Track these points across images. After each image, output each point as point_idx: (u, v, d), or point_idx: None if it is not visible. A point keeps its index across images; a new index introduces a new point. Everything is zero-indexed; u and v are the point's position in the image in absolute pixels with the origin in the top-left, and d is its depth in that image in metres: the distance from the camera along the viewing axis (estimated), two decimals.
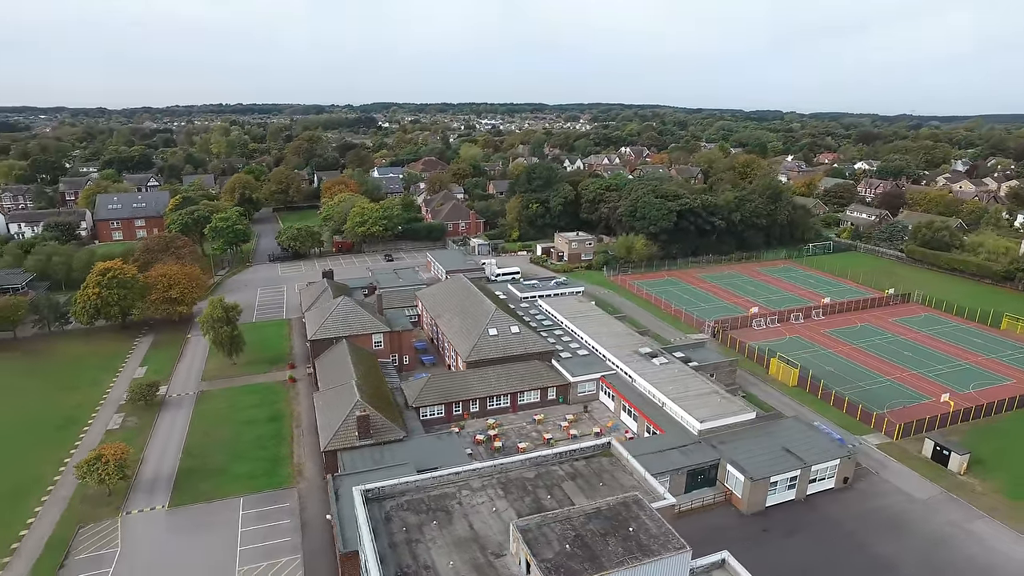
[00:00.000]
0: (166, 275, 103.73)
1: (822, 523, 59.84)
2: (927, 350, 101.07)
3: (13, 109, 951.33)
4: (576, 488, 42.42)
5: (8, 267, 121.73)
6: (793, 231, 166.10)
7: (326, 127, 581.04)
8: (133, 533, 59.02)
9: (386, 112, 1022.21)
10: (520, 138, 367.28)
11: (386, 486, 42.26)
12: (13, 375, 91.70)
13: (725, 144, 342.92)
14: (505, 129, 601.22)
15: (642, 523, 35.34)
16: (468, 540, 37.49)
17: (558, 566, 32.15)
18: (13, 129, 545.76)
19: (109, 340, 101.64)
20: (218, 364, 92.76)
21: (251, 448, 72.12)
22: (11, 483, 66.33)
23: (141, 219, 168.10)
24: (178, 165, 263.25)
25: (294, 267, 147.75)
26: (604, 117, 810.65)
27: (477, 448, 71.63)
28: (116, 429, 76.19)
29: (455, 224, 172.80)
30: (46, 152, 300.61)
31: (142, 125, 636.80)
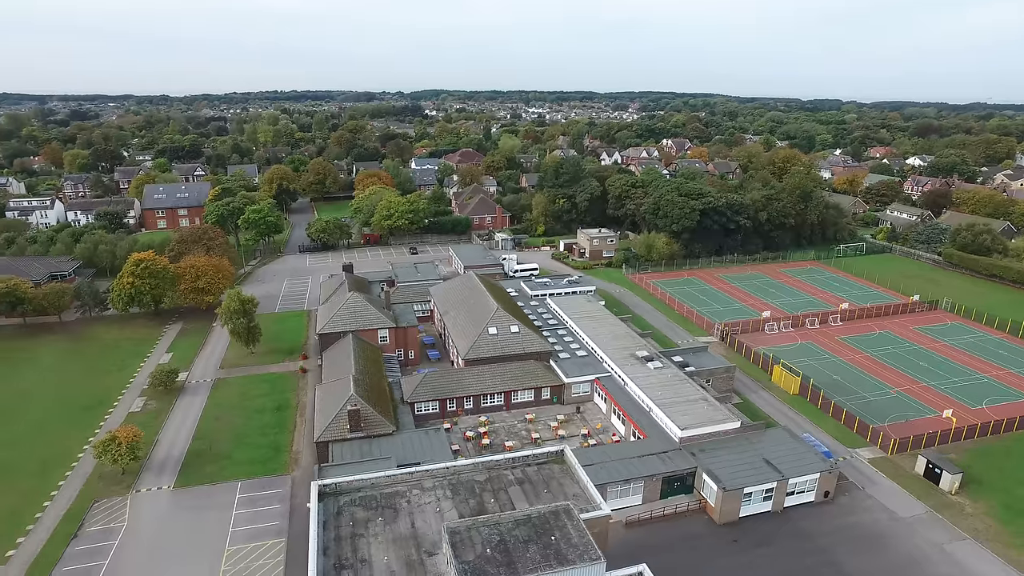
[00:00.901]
0: (194, 266, 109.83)
1: (795, 537, 59.91)
2: (945, 361, 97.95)
3: (87, 97, 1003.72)
4: (521, 493, 44.30)
5: (59, 254, 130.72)
6: (825, 231, 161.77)
7: (373, 115, 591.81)
8: (139, 510, 64.12)
9: (436, 100, 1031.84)
10: (561, 129, 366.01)
11: (342, 482, 45.16)
12: (55, 356, 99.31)
13: (770, 137, 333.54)
14: (551, 119, 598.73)
15: (566, 532, 37.01)
16: (407, 538, 39.98)
17: (475, 569, 34.26)
18: (84, 117, 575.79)
19: (141, 327, 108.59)
20: (237, 353, 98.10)
21: (255, 435, 76.64)
22: (41, 458, 72.61)
23: (184, 208, 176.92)
24: (225, 155, 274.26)
25: (322, 258, 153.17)
26: (653, 107, 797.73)
27: (466, 444, 74.16)
28: (137, 412, 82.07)
29: (481, 218, 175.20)
30: (108, 141, 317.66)
31: (199, 113, 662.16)
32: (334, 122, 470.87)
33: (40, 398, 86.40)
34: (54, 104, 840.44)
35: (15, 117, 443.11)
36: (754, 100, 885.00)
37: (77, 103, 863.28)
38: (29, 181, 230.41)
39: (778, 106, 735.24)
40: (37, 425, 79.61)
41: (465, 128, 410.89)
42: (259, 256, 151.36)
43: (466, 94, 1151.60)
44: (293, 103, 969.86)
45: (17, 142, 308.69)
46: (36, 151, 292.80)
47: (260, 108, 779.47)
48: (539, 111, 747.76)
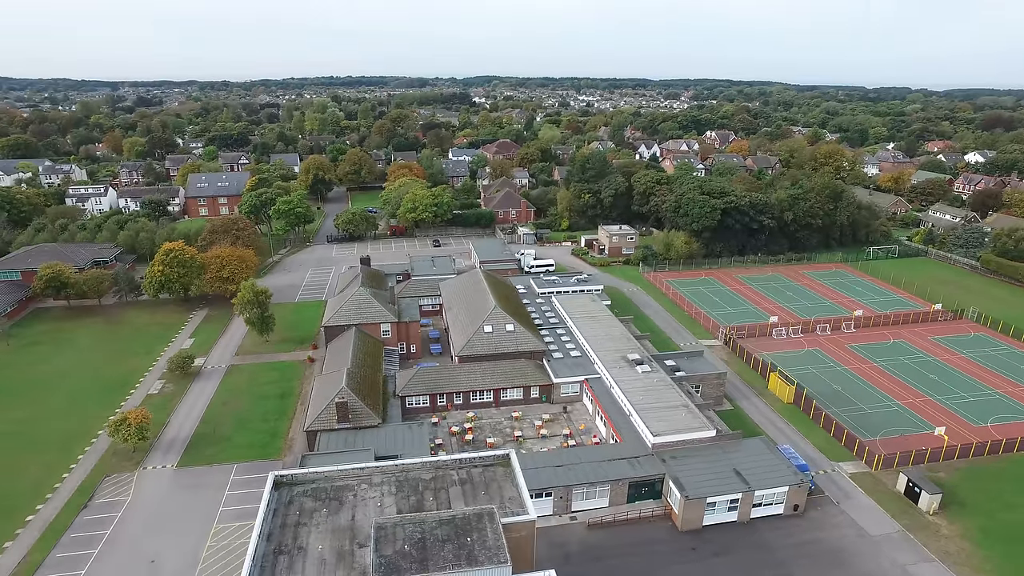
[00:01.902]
0: (219, 256, 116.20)
1: (756, 548, 60.39)
2: (958, 375, 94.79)
3: (154, 84, 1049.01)
4: (460, 493, 46.72)
5: (105, 241, 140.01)
6: (856, 232, 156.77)
7: (421, 103, 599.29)
8: (144, 486, 69.83)
9: (487, 86, 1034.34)
10: (603, 120, 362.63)
11: (297, 473, 48.63)
12: (91, 337, 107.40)
13: (820, 130, 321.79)
14: (598, 108, 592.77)
15: (483, 535, 39.28)
16: (345, 529, 43.07)
17: (388, 563, 37.01)
18: (149, 104, 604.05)
19: (170, 312, 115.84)
20: (252, 341, 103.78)
21: (257, 421, 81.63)
22: (65, 433, 79.47)
23: (224, 197, 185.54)
24: (270, 143, 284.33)
25: (348, 249, 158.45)
26: (707, 95, 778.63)
27: (450, 439, 77.10)
28: (155, 394, 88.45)
29: (506, 212, 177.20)
30: (164, 129, 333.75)
31: (255, 99, 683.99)
32: (381, 109, 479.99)
33: (74, 376, 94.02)
34: (125, 90, 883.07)
35: (87, 104, 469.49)
36: (814, 88, 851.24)
37: (146, 89, 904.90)
38: (91, 168, 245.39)
39: (838, 95, 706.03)
40: (68, 401, 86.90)
41: (508, 118, 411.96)
42: (289, 245, 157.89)
43: (518, 80, 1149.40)
44: (347, 88, 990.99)
45: (85, 129, 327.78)
46: (100, 138, 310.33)
47: (314, 94, 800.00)
48: (588, 99, 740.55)
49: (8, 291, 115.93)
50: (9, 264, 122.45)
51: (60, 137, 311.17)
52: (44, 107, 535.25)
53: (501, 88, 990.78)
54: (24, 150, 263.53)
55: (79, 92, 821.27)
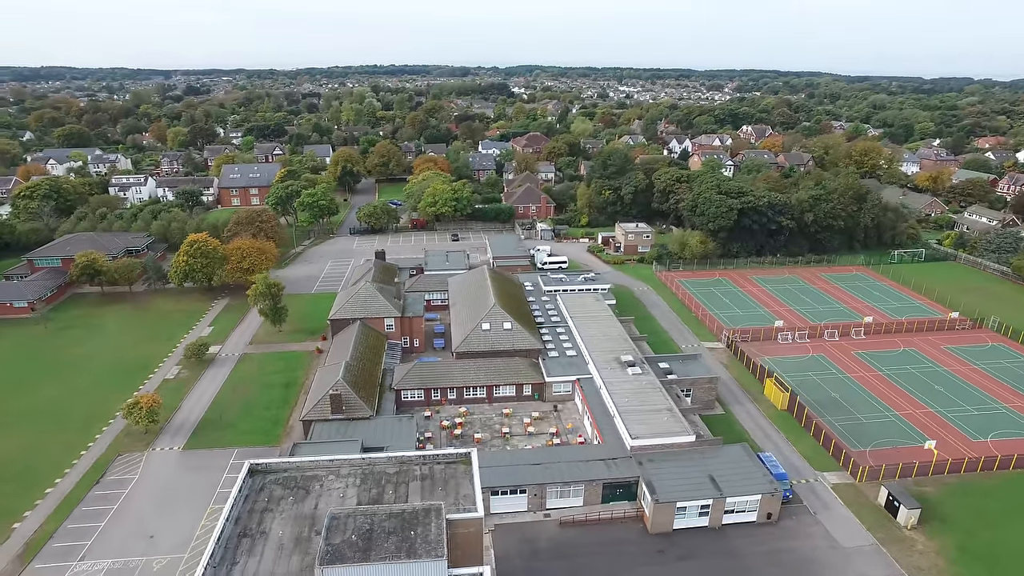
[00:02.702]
0: (240, 248, 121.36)
1: (723, 554, 61.24)
2: (966, 387, 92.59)
3: (204, 72, 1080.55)
4: (418, 488, 49.16)
5: (139, 230, 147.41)
6: (881, 234, 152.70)
7: (459, 93, 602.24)
8: (151, 465, 74.77)
9: (528, 76, 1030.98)
10: (637, 113, 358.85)
11: (272, 462, 51.89)
12: (120, 322, 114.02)
13: (861, 125, 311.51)
14: (637, 99, 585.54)
15: (426, 529, 41.60)
16: (307, 517, 46.06)
17: (334, 550, 39.73)
18: (197, 93, 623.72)
19: (193, 300, 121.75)
20: (266, 331, 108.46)
21: (261, 408, 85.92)
22: (87, 413, 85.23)
23: (255, 188, 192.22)
24: (305, 134, 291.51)
25: (369, 241, 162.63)
26: (752, 87, 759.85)
27: (440, 433, 79.79)
28: (171, 379, 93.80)
29: (526, 207, 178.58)
30: (208, 118, 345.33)
31: (299, 88, 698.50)
32: (418, 100, 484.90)
33: (100, 359, 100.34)
34: (177, 79, 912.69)
35: (138, 94, 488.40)
36: (865, 80, 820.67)
37: (196, 77, 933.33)
38: (136, 156, 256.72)
39: (890, 87, 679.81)
40: (93, 382, 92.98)
41: (542, 110, 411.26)
42: (312, 236, 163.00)
43: (559, 70, 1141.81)
44: (389, 77, 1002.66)
45: (134, 119, 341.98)
46: (148, 128, 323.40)
47: (357, 83, 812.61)
48: (629, 90, 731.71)
49: (49, 277, 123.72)
50: (51, 251, 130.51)
51: (111, 126, 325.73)
52: (101, 96, 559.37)
53: (542, 78, 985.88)
54: (77, 139, 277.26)
55: (134, 81, 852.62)
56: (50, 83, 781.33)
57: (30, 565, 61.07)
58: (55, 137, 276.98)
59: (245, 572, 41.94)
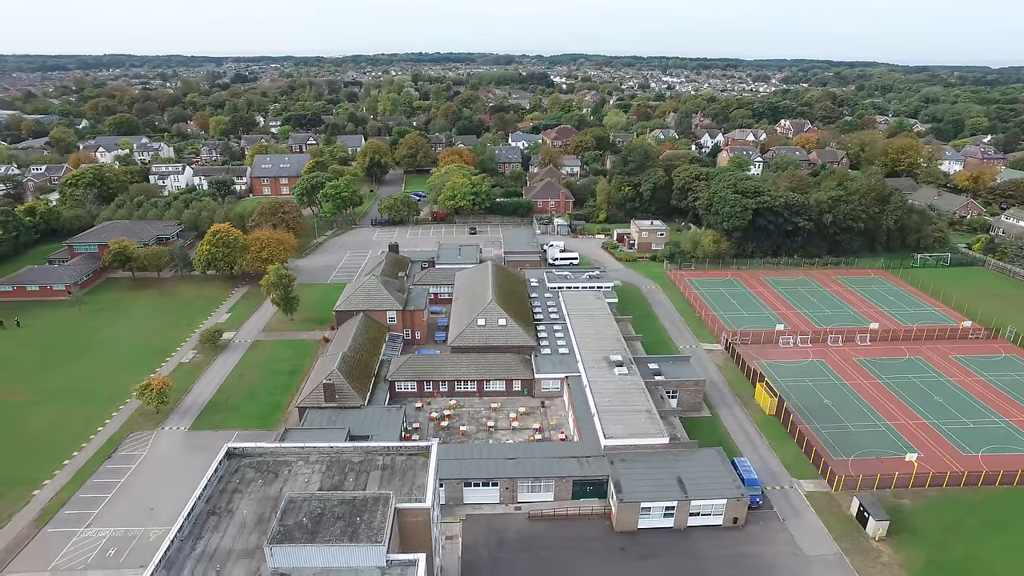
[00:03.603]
0: (259, 238, 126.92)
1: (683, 556, 62.64)
2: (967, 399, 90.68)
3: (254, 59, 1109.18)
4: (378, 477, 52.26)
5: (172, 218, 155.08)
6: (905, 237, 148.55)
7: (498, 83, 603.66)
8: (159, 443, 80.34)
9: (572, 65, 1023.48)
10: (672, 106, 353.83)
11: (248, 447, 55.79)
12: (147, 307, 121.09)
13: (906, 120, 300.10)
14: (679, 90, 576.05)
15: (373, 516, 44.59)
16: (271, 499, 49.65)
17: (284, 531, 43.12)
18: (245, 81, 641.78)
19: (215, 288, 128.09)
20: (279, 319, 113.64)
21: (264, 393, 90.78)
22: (108, 392, 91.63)
23: (285, 178, 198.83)
24: (340, 124, 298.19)
25: (389, 232, 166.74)
26: (800, 78, 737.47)
27: (428, 424, 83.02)
28: (186, 363, 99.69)
29: (545, 202, 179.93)
30: (250, 107, 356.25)
31: (344, 76, 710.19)
32: (456, 89, 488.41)
33: (126, 341, 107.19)
34: (227, 66, 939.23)
35: (187, 82, 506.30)
36: (924, 70, 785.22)
37: (245, 65, 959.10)
38: (179, 145, 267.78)
39: (950, 77, 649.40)
40: (117, 364, 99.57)
41: (578, 101, 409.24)
42: (335, 227, 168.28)
43: (604, 59, 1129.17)
44: (433, 65, 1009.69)
45: (180, 107, 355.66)
46: (192, 116, 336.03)
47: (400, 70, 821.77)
48: (672, 80, 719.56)
49: (86, 262, 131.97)
50: (89, 238, 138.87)
51: (159, 115, 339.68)
52: (154, 83, 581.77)
53: (586, 67, 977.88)
54: (127, 127, 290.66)
55: (188, 68, 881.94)
56: (110, 71, 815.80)
57: (44, 529, 67.06)
58: (107, 125, 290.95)
59: (208, 546, 45.83)
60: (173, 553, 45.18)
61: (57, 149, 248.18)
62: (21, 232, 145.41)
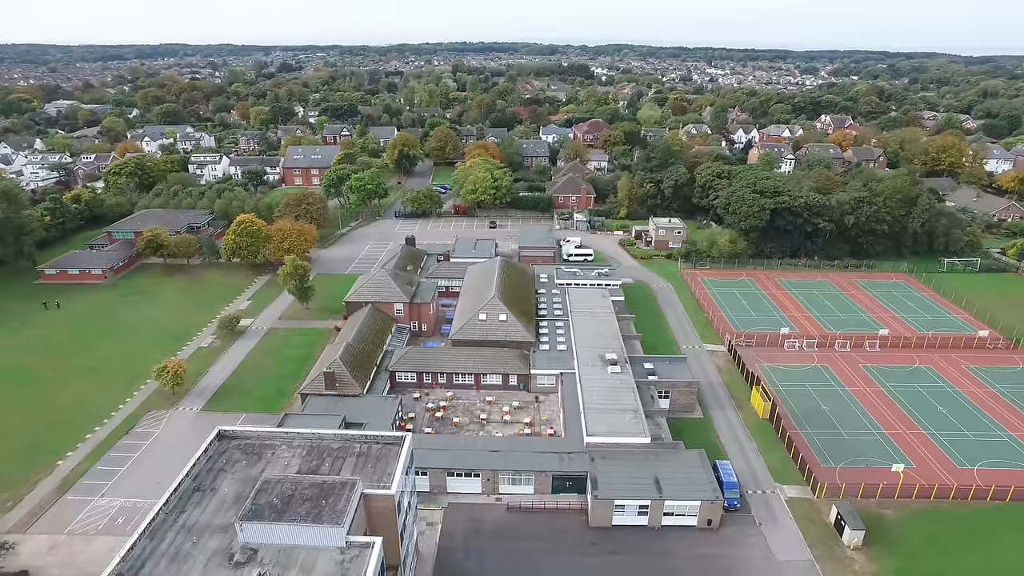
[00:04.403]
0: (282, 229, 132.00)
1: (653, 554, 63.95)
2: (972, 410, 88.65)
3: (301, 48, 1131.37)
4: (352, 464, 55.29)
5: (204, 208, 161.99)
6: (933, 240, 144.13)
7: (538, 74, 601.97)
8: (172, 423, 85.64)
9: (615, 55, 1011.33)
10: (709, 100, 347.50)
11: (238, 430, 59.58)
12: (175, 293, 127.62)
13: (955, 116, 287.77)
14: (722, 82, 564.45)
15: (339, 499, 47.56)
16: (251, 479, 53.10)
17: (255, 509, 46.57)
18: (290, 70, 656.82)
19: (239, 276, 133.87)
20: (295, 308, 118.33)
21: (274, 379, 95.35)
22: (131, 372, 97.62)
23: (316, 169, 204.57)
24: (375, 116, 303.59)
25: (411, 225, 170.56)
26: (852, 69, 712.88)
27: (424, 414, 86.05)
28: (205, 347, 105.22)
29: (566, 197, 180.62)
30: (291, 97, 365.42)
31: (387, 65, 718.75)
32: (495, 80, 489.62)
33: (152, 324, 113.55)
34: (275, 55, 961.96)
35: (234, 72, 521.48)
36: (988, 60, 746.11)
37: (292, 54, 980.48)
38: (220, 134, 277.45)
39: (1017, 68, 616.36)
40: (142, 346, 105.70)
41: (613, 94, 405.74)
42: (360, 218, 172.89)
43: (649, 50, 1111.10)
44: (476, 55, 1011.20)
45: (223, 97, 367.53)
46: (235, 106, 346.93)
47: (443, 60, 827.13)
48: (716, 72, 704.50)
49: (122, 248, 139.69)
50: (126, 225, 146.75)
51: (204, 104, 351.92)
52: (204, 73, 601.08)
53: (630, 57, 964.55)
54: (173, 117, 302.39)
55: (237, 57, 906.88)
56: (164, 60, 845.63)
57: (63, 496, 72.81)
58: (154, 115, 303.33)
59: (189, 519, 49.69)
60: (158, 524, 49.20)
61: (107, 138, 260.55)
62: (67, 218, 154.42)
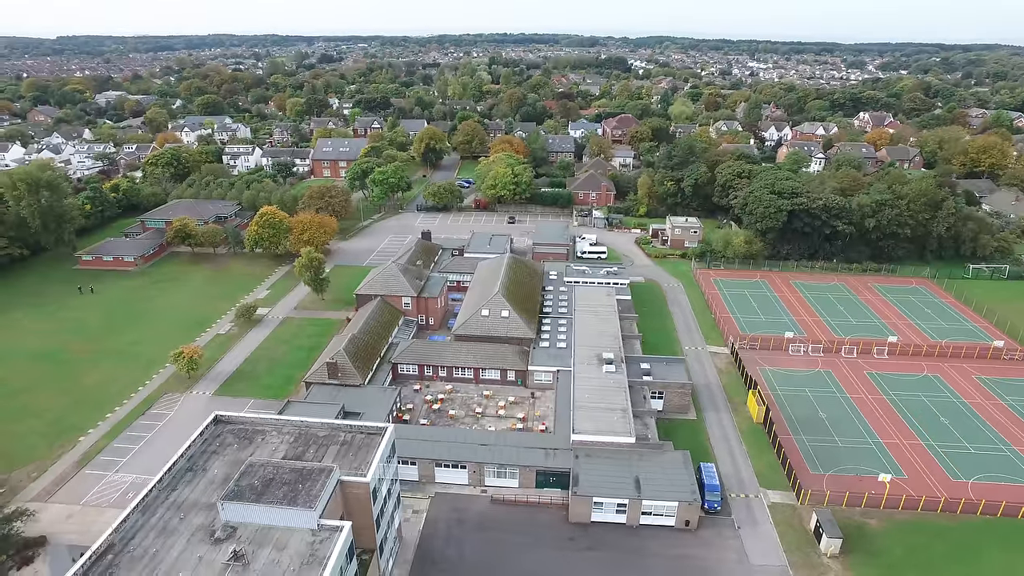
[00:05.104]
0: (302, 221, 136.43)
1: (628, 551, 65.40)
2: (977, 422, 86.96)
3: (344, 38, 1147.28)
4: (335, 451, 58.19)
5: (233, 199, 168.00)
6: (959, 245, 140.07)
7: (574, 67, 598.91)
8: (185, 405, 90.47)
9: (655, 48, 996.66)
10: (743, 96, 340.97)
11: (233, 415, 63.18)
12: (201, 281, 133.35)
13: (1005, 113, 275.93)
14: (763, 77, 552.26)
15: (316, 484, 50.47)
16: (239, 462, 56.35)
17: (238, 489, 49.85)
18: (331, 61, 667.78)
19: (261, 266, 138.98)
20: (311, 299, 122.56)
21: (283, 367, 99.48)
22: (151, 356, 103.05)
23: (344, 161, 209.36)
24: (407, 108, 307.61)
25: (432, 218, 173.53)
26: (903, 63, 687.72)
27: (422, 405, 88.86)
28: (222, 334, 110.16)
29: (586, 194, 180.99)
30: (328, 89, 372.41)
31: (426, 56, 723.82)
32: (530, 73, 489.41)
33: (176, 311, 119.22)
34: (318, 45, 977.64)
35: (274, 63, 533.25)
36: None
37: (335, 44, 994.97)
38: (256, 125, 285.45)
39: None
40: (165, 331, 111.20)
41: (647, 88, 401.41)
42: (382, 211, 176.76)
43: (691, 42, 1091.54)
44: (516, 46, 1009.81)
45: (262, 89, 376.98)
46: (272, 97, 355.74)
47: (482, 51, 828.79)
48: (758, 66, 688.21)
49: (153, 237, 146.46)
50: (159, 214, 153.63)
51: (244, 95, 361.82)
52: (247, 63, 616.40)
53: (671, 50, 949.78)
54: (213, 108, 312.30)
55: (281, 48, 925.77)
56: (211, 50, 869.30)
57: (82, 470, 78.11)
58: (196, 106, 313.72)
59: (179, 496, 53.43)
60: (151, 499, 53.14)
61: (150, 128, 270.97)
62: (106, 207, 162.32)
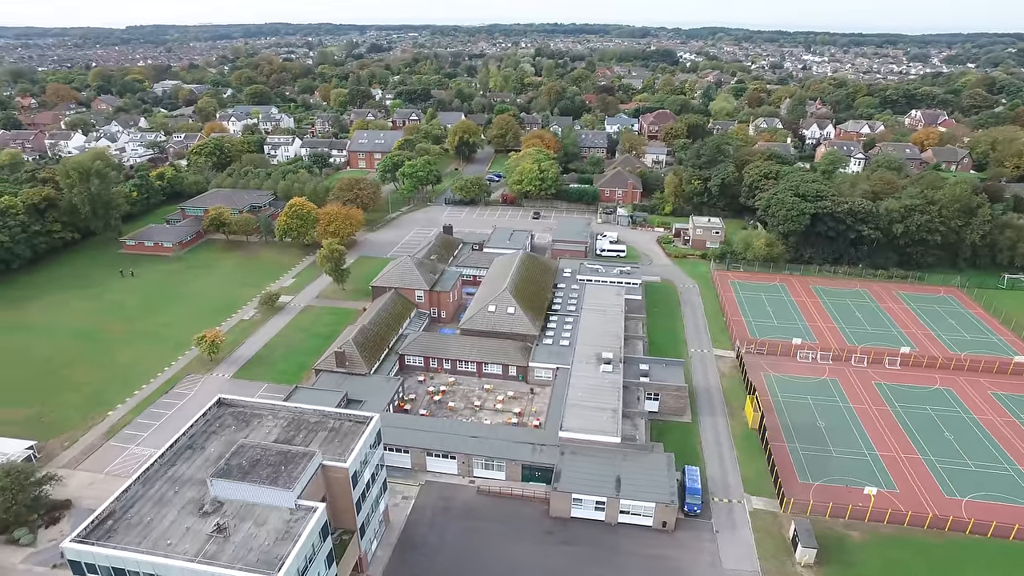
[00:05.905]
0: (329, 213, 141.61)
1: (603, 548, 67.25)
2: (984, 439, 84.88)
3: (394, 28, 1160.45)
4: (322, 437, 61.88)
5: (270, 189, 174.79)
6: (996, 254, 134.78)
7: (620, 59, 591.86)
8: (205, 386, 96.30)
9: (708, 40, 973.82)
10: (789, 92, 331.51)
11: (235, 399, 67.69)
12: (232, 268, 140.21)
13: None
14: (816, 71, 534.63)
15: (298, 467, 54.24)
16: (234, 443, 60.79)
17: (227, 467, 54.14)
18: (380, 51, 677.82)
19: (289, 254, 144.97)
20: (332, 288, 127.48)
21: (297, 354, 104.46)
22: (179, 339, 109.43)
23: (379, 153, 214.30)
24: (447, 100, 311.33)
25: (458, 211, 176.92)
26: (973, 55, 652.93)
27: (424, 396, 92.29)
28: (246, 320, 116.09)
29: (612, 191, 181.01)
30: (372, 79, 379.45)
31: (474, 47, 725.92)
32: (573, 66, 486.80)
33: (206, 295, 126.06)
34: (369, 35, 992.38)
35: (324, 53, 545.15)
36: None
37: (385, 33, 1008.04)
38: (300, 115, 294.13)
39: None
40: (194, 314, 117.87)
41: (691, 83, 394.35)
42: (410, 204, 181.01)
43: (745, 34, 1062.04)
44: (566, 37, 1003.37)
45: (309, 79, 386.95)
46: (318, 87, 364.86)
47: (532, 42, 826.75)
48: (813, 59, 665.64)
49: (192, 224, 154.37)
50: (198, 203, 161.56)
51: (291, 85, 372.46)
52: (299, 52, 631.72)
53: (724, 42, 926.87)
54: (260, 97, 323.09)
55: (333, 36, 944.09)
56: (266, 39, 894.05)
57: (108, 442, 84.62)
58: (244, 95, 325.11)
59: (177, 471, 58.10)
60: (152, 473, 57.91)
61: (200, 117, 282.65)
62: (151, 194, 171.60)
